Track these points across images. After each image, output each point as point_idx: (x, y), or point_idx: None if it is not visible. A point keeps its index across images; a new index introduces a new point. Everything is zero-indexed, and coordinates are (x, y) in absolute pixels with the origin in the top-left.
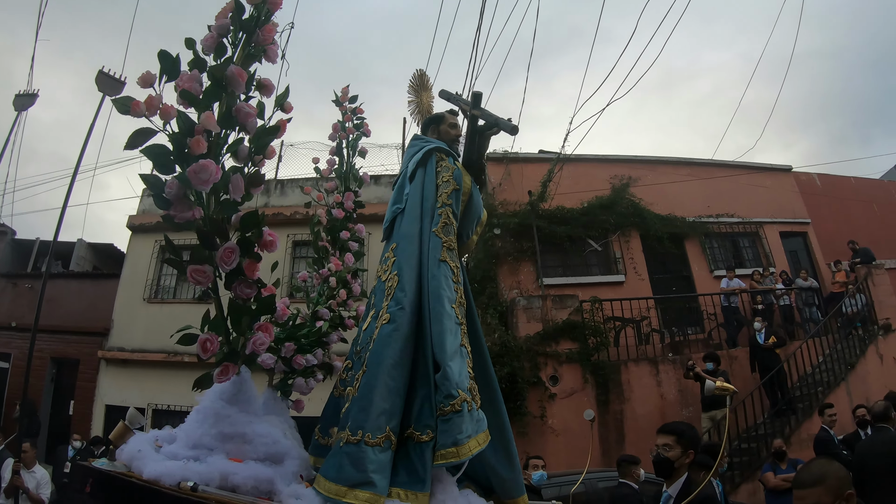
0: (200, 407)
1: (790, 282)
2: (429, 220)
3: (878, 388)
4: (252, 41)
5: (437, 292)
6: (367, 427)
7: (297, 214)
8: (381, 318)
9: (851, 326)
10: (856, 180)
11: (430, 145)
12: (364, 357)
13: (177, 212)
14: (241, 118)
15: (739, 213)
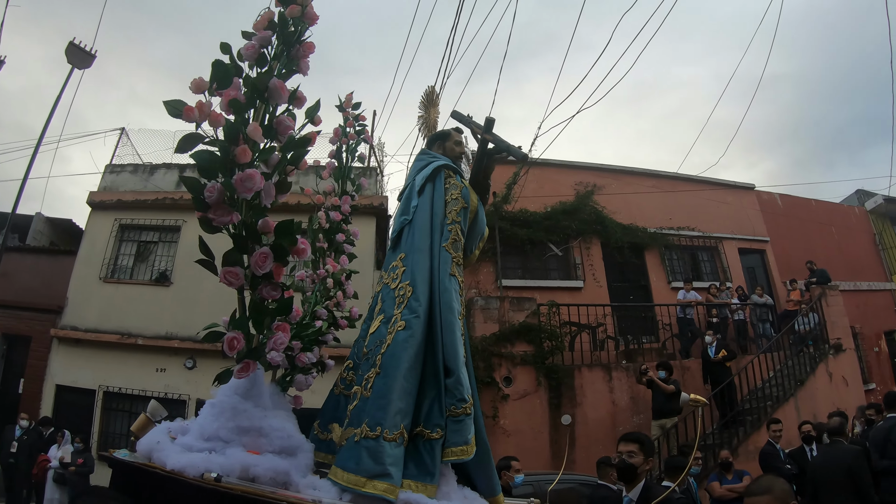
0: (216, 401)
1: (745, 297)
2: (439, 235)
3: (826, 405)
4: (291, 55)
5: (450, 304)
6: (385, 424)
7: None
8: (396, 325)
9: (803, 344)
10: (816, 203)
11: (439, 162)
12: (374, 359)
13: (216, 215)
14: (280, 130)
15: (700, 228)
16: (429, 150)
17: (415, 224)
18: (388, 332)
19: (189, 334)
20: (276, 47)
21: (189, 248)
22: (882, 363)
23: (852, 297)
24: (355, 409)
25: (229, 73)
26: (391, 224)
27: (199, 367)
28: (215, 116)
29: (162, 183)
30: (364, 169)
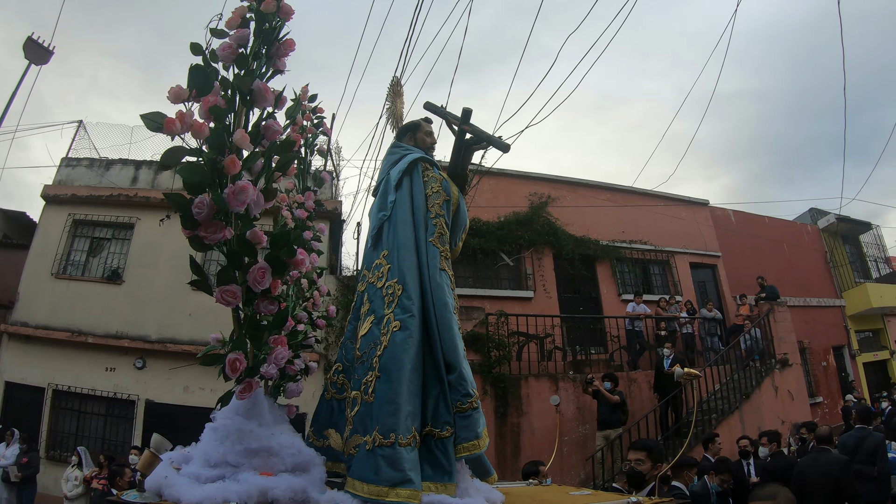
0: (217, 425)
1: (695, 311)
2: (423, 230)
3: (771, 418)
4: (271, 53)
5: (444, 300)
6: (398, 429)
7: None
8: (391, 325)
9: (750, 358)
10: (769, 220)
11: (414, 154)
12: (371, 361)
13: (207, 233)
14: (269, 136)
15: (653, 241)
16: (400, 143)
17: (396, 220)
18: (381, 333)
19: (140, 333)
20: (254, 45)
21: (142, 245)
22: (829, 377)
23: (802, 312)
24: (358, 414)
25: (209, 78)
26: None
27: (148, 368)
28: (198, 126)
29: (117, 179)
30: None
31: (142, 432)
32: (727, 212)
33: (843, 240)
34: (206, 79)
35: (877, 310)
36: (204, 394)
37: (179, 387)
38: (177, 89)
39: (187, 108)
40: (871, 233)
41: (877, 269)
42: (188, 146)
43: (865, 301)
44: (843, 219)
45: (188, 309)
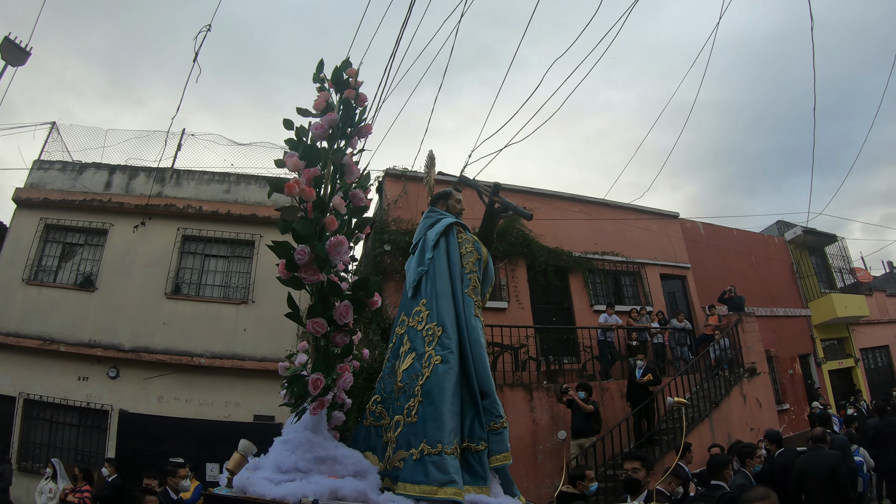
0: (288, 438)
1: (665, 321)
2: (459, 282)
3: (740, 426)
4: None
5: (479, 340)
6: (444, 441)
7: (189, 208)
8: (433, 360)
9: (719, 367)
10: (738, 232)
11: (448, 219)
12: (413, 390)
13: (307, 275)
14: (354, 202)
15: (624, 253)
16: (435, 208)
17: (434, 273)
18: (423, 366)
19: (113, 342)
20: (339, 127)
21: (115, 252)
22: (796, 385)
23: (769, 322)
24: (401, 434)
25: (318, 154)
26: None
27: (122, 377)
28: (309, 192)
29: (91, 183)
30: None
31: (115, 443)
32: (697, 224)
33: (809, 251)
34: (315, 155)
35: (841, 319)
36: (179, 404)
37: (154, 397)
38: (295, 161)
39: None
40: (837, 245)
41: (842, 280)
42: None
43: (831, 311)
44: (810, 231)
45: (162, 318)
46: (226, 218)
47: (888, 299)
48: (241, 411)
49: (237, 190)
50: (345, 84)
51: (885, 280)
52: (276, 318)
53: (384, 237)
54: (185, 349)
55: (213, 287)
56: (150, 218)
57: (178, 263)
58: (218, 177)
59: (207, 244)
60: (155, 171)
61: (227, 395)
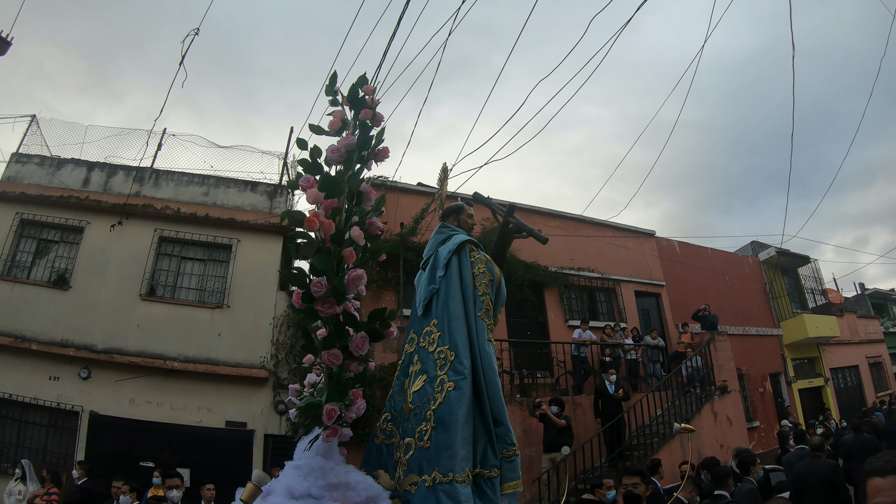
0: (301, 464)
1: (639, 338)
2: (472, 305)
3: (711, 443)
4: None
5: (492, 366)
6: (455, 469)
7: (167, 209)
8: (445, 385)
9: (691, 385)
10: (713, 251)
11: (461, 237)
12: (424, 414)
13: (323, 308)
14: (372, 231)
15: (600, 269)
16: (446, 223)
17: (447, 293)
18: (435, 391)
19: (85, 342)
20: (356, 150)
21: (91, 251)
22: (766, 403)
23: (741, 340)
24: (413, 458)
25: (339, 185)
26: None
27: (94, 378)
28: (328, 224)
29: (69, 179)
30: (275, 187)
31: (85, 445)
32: (672, 242)
33: (782, 272)
34: (336, 185)
35: (812, 339)
36: (150, 407)
37: (125, 399)
38: (316, 193)
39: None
40: (809, 266)
41: (813, 300)
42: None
43: (802, 331)
44: (783, 252)
45: (136, 319)
46: (204, 221)
47: (859, 320)
48: (214, 417)
49: (216, 193)
50: (361, 102)
51: (856, 301)
52: (251, 323)
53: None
54: (158, 352)
55: (189, 290)
56: (127, 217)
57: (154, 265)
58: (197, 179)
59: (184, 246)
60: (134, 170)
61: (200, 399)
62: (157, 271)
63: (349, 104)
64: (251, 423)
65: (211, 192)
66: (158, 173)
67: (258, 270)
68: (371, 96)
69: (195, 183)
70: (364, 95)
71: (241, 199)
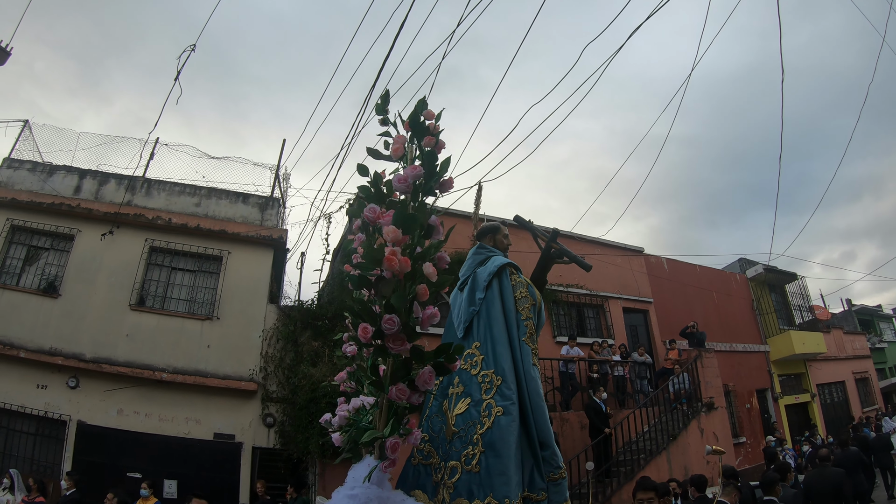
0: (356, 493)
1: (627, 354)
2: (516, 329)
3: (697, 459)
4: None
5: (538, 391)
6: (511, 495)
7: (158, 219)
8: (493, 410)
9: (678, 401)
10: (700, 268)
11: (501, 259)
12: (471, 437)
13: (395, 345)
14: (440, 265)
15: (588, 286)
16: (483, 244)
17: (490, 316)
18: (482, 415)
19: (74, 351)
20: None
21: (81, 259)
22: (753, 419)
23: (728, 357)
24: (460, 482)
25: (416, 220)
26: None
27: (82, 388)
28: (405, 262)
29: (60, 186)
30: (267, 199)
31: (72, 455)
32: (661, 259)
33: (769, 288)
34: (413, 221)
35: (799, 356)
36: (138, 418)
37: (114, 409)
38: (395, 233)
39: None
40: (797, 283)
41: (800, 317)
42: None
43: (789, 347)
44: (771, 269)
45: (125, 329)
46: (195, 232)
47: (845, 336)
48: (202, 429)
49: (207, 204)
50: (424, 129)
51: (843, 318)
52: (240, 336)
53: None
54: (147, 363)
55: (179, 301)
56: (118, 227)
57: (145, 275)
58: (189, 189)
59: (175, 257)
60: (126, 178)
61: (188, 411)
62: (147, 281)
63: (410, 129)
64: (239, 435)
65: (202, 202)
66: (150, 183)
67: (248, 283)
68: (434, 122)
69: (187, 193)
70: (425, 121)
71: (232, 211)
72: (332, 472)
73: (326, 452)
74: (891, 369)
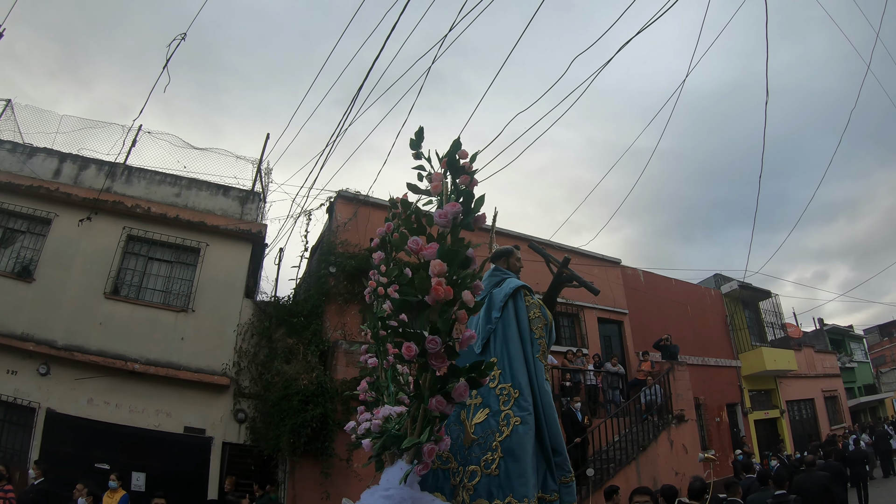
0: (391, 494)
1: (600, 364)
2: (530, 347)
3: (666, 470)
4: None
5: (550, 402)
6: (529, 496)
7: (137, 207)
8: (512, 420)
9: (649, 412)
10: (676, 282)
11: (515, 281)
12: (490, 444)
13: (437, 363)
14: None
15: (564, 295)
16: (498, 267)
17: (506, 335)
18: (500, 424)
19: (46, 338)
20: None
21: (57, 244)
22: (722, 432)
23: (700, 370)
24: (480, 484)
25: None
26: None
27: (52, 375)
28: (449, 291)
29: (39, 169)
30: (247, 193)
31: (40, 442)
32: (637, 271)
33: (743, 305)
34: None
35: (770, 372)
36: (109, 408)
37: (84, 398)
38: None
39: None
40: (770, 300)
41: (773, 334)
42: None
43: (760, 363)
44: (746, 286)
45: (99, 318)
46: (174, 222)
47: (816, 355)
48: (172, 422)
49: (188, 194)
50: (461, 169)
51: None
52: (214, 329)
53: (330, 259)
54: (119, 352)
55: (154, 291)
56: (96, 213)
57: (121, 263)
58: (169, 179)
59: (152, 247)
60: (107, 164)
61: (159, 403)
62: (123, 270)
63: (447, 168)
64: (210, 430)
65: (182, 193)
66: (131, 170)
67: (225, 276)
68: (469, 161)
69: (167, 183)
70: (461, 161)
71: (212, 203)
72: (302, 470)
73: (297, 450)
74: (859, 389)
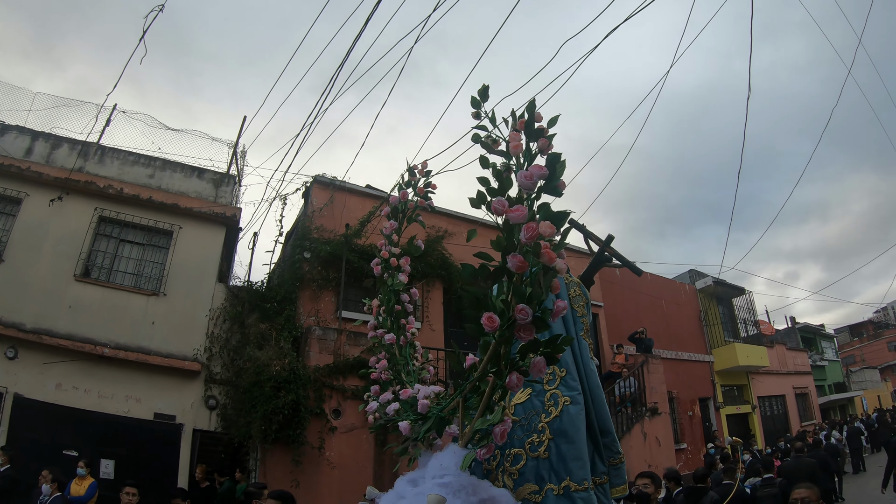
0: (448, 481)
1: None
2: (573, 325)
3: (639, 462)
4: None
5: (598, 382)
6: (588, 478)
7: (109, 188)
8: (560, 399)
9: (623, 405)
10: (651, 276)
11: None
12: (536, 426)
13: (524, 334)
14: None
15: None
16: None
17: None
18: (546, 404)
19: (14, 320)
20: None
21: (28, 224)
22: (695, 426)
23: (674, 364)
24: (526, 468)
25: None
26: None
27: (20, 359)
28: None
29: (11, 147)
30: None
31: (7, 428)
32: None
33: (717, 301)
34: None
35: (742, 367)
36: (77, 393)
37: (52, 383)
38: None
39: None
40: (744, 297)
41: (745, 330)
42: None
43: (733, 359)
44: (720, 283)
45: (69, 301)
46: (146, 204)
47: (788, 352)
48: (142, 408)
49: (161, 176)
50: (538, 132)
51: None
52: (186, 314)
53: (305, 244)
54: (88, 336)
55: (125, 274)
56: (67, 193)
57: (92, 245)
58: (143, 160)
59: (124, 228)
60: (79, 144)
61: (129, 389)
62: (94, 252)
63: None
64: (180, 416)
65: (156, 174)
66: (104, 150)
67: (198, 260)
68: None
69: (141, 164)
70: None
71: (186, 185)
72: (273, 458)
73: (268, 437)
74: (830, 387)
